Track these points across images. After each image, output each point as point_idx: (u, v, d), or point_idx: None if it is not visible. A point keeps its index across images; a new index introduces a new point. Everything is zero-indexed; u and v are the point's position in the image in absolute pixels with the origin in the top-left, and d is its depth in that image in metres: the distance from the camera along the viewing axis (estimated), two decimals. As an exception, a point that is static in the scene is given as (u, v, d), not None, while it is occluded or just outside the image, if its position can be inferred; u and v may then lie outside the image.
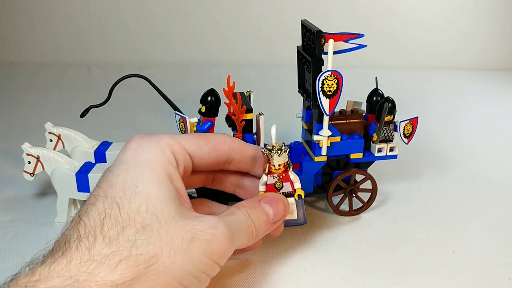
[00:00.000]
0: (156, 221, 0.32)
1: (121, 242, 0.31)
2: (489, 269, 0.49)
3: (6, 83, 1.05)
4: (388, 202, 0.61)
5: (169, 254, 0.31)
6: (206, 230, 0.33)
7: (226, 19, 1.22)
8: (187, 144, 0.38)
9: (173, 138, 0.38)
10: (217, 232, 0.33)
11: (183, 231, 0.32)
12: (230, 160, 0.41)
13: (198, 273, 0.33)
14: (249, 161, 0.43)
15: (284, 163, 0.42)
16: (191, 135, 0.40)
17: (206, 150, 0.39)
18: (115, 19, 1.21)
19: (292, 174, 0.43)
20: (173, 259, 0.31)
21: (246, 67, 1.15)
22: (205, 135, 0.42)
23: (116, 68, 1.14)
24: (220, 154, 0.40)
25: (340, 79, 0.48)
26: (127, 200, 0.32)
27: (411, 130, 0.56)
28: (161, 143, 0.36)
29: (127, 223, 0.31)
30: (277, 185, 0.43)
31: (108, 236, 0.31)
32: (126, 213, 0.32)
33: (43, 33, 1.20)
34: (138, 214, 0.32)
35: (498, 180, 0.67)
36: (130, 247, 0.30)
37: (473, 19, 1.21)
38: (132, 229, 0.31)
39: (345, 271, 0.48)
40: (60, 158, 0.54)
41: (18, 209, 0.58)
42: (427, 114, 0.90)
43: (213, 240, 0.33)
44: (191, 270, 0.32)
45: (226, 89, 0.53)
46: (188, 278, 0.32)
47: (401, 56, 1.21)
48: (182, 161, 0.37)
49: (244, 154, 0.42)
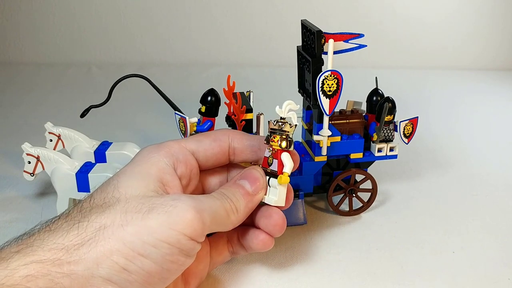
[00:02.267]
0: (117, 203, 0.34)
1: (77, 217, 0.34)
2: (489, 269, 0.49)
3: (6, 83, 1.05)
4: (388, 202, 0.61)
5: (121, 224, 0.33)
6: (167, 203, 0.34)
7: (226, 19, 1.22)
8: (188, 143, 0.41)
9: (176, 141, 0.41)
10: (179, 203, 0.34)
11: (141, 205, 0.34)
12: (232, 150, 0.42)
13: (158, 243, 0.33)
14: (251, 150, 0.42)
15: (281, 138, 0.39)
16: (192, 136, 0.43)
17: (208, 143, 0.41)
18: (115, 19, 1.21)
19: (285, 156, 0.39)
20: (124, 228, 0.33)
21: (246, 67, 1.15)
22: (205, 132, 0.44)
23: (116, 68, 1.14)
24: (222, 144, 0.41)
25: (340, 79, 0.48)
26: (101, 191, 0.36)
27: (411, 130, 0.56)
28: (162, 146, 0.39)
29: (91, 208, 0.34)
30: (269, 160, 0.40)
31: (71, 217, 0.34)
32: (95, 201, 0.35)
33: (43, 33, 1.20)
34: (104, 200, 0.35)
35: (498, 180, 0.67)
36: (83, 219, 0.33)
37: (473, 19, 1.21)
38: (94, 210, 0.34)
39: (345, 271, 0.48)
40: (60, 158, 0.54)
41: (18, 209, 0.58)
42: (427, 114, 0.90)
43: (174, 211, 0.34)
44: (146, 239, 0.32)
45: (226, 89, 0.53)
46: (143, 246, 0.32)
47: (401, 56, 1.21)
48: (183, 158, 0.39)
49: (245, 143, 0.42)
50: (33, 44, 1.20)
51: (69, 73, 1.13)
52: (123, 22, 1.21)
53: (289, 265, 0.49)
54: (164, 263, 0.33)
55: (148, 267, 0.33)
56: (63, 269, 0.31)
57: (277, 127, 0.39)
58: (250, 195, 0.39)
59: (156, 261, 0.33)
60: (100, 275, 0.31)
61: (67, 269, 0.31)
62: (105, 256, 0.32)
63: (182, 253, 0.34)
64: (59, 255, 0.31)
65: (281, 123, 0.39)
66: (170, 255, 0.33)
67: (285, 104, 0.39)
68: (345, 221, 0.57)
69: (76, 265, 0.31)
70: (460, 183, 0.66)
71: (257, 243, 0.42)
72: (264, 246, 0.42)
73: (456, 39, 1.22)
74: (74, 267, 0.31)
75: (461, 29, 1.22)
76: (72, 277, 0.31)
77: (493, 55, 1.23)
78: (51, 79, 1.09)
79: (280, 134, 0.39)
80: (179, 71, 1.14)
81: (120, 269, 0.32)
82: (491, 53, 1.23)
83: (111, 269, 0.32)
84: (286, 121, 0.39)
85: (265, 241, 0.42)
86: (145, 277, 0.33)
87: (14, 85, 1.04)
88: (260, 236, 0.41)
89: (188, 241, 0.34)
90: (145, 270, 0.33)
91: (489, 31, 1.22)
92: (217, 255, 0.44)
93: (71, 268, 0.31)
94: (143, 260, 0.33)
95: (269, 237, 0.42)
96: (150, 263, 0.33)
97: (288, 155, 0.39)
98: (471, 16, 1.21)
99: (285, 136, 0.39)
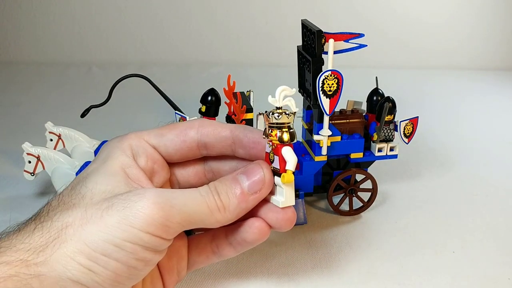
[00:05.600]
0: (82, 200, 0.33)
1: (44, 217, 0.33)
2: (489, 269, 0.49)
3: (6, 83, 1.05)
4: (388, 202, 0.61)
5: (81, 223, 0.32)
6: (128, 198, 0.32)
7: (226, 19, 1.22)
8: (149, 136, 0.38)
9: (136, 134, 0.38)
10: (140, 199, 0.32)
11: (102, 202, 0.33)
12: (202, 144, 0.39)
13: (118, 241, 0.31)
14: (225, 144, 0.38)
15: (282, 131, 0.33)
16: (159, 127, 0.40)
17: (170, 137, 0.38)
18: (116, 18, 1.21)
19: (287, 150, 0.34)
20: (84, 227, 0.31)
21: (246, 67, 1.15)
22: (173, 124, 0.40)
23: (117, 68, 1.14)
24: (186, 139, 0.38)
25: (341, 78, 0.48)
26: (70, 188, 0.35)
27: (411, 130, 0.56)
28: (122, 141, 0.38)
29: (58, 206, 0.34)
30: (271, 157, 0.35)
31: (39, 216, 0.33)
32: (63, 199, 0.34)
33: (43, 33, 1.20)
34: (71, 197, 0.34)
35: (498, 180, 0.67)
36: (48, 219, 0.33)
37: (473, 19, 1.21)
38: (59, 208, 0.33)
39: (345, 271, 0.48)
40: (60, 158, 0.55)
41: (18, 209, 0.58)
42: (427, 114, 0.90)
43: (134, 207, 0.32)
44: (106, 238, 0.31)
45: (226, 89, 0.53)
46: (104, 246, 0.31)
47: (401, 56, 1.21)
48: (143, 152, 0.38)
49: (218, 136, 0.38)
50: (33, 44, 1.20)
51: (70, 72, 1.13)
52: (123, 21, 1.21)
53: (289, 265, 0.49)
54: (129, 261, 0.32)
55: (113, 267, 0.31)
56: (31, 271, 0.30)
57: (272, 120, 0.33)
58: (245, 194, 0.35)
59: (120, 260, 0.31)
60: (68, 277, 0.31)
61: (34, 271, 0.30)
62: (69, 257, 0.31)
63: (148, 250, 0.32)
64: (25, 256, 0.30)
65: (277, 114, 0.33)
66: (134, 253, 0.32)
67: (278, 91, 0.33)
68: (345, 221, 0.57)
69: (43, 267, 0.30)
70: (460, 183, 0.66)
71: (252, 233, 0.36)
72: (260, 235, 0.37)
73: (456, 39, 1.22)
74: (41, 269, 0.30)
75: (461, 29, 1.22)
76: (41, 278, 0.30)
77: (493, 55, 1.23)
78: (51, 79, 1.09)
79: (279, 127, 0.33)
80: (179, 71, 1.14)
81: (85, 270, 0.31)
82: (491, 53, 1.23)
83: (77, 271, 0.31)
84: (283, 111, 0.33)
85: (261, 229, 0.36)
86: (112, 276, 0.32)
87: (14, 85, 1.04)
88: (255, 223, 0.36)
89: (151, 238, 0.32)
90: (110, 270, 0.31)
91: (489, 31, 1.22)
92: (197, 255, 0.40)
93: (39, 270, 0.30)
94: (106, 260, 0.31)
95: (265, 225, 0.36)
96: (114, 262, 0.31)
97: (290, 149, 0.34)
98: (470, 16, 1.21)
99: (286, 129, 0.33)
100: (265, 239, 0.37)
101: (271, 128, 0.34)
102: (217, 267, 0.48)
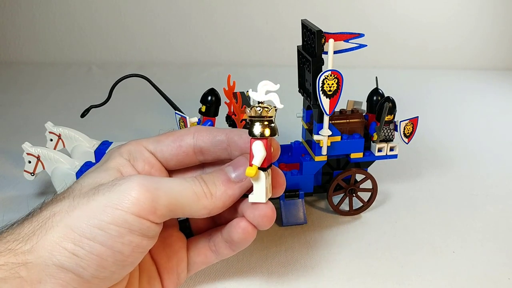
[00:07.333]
0: (71, 193, 0.34)
1: (35, 212, 0.33)
2: (489, 269, 0.49)
3: (6, 83, 1.05)
4: (388, 202, 0.61)
5: (68, 210, 0.32)
6: (114, 182, 0.33)
7: (226, 19, 1.22)
8: (147, 142, 0.39)
9: (136, 140, 0.39)
10: (125, 182, 0.32)
11: (89, 191, 0.33)
12: (198, 149, 0.39)
13: (104, 224, 0.31)
14: (220, 147, 0.39)
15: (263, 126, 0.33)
16: (159, 135, 0.41)
17: (167, 143, 0.39)
18: (116, 18, 1.21)
19: (256, 145, 0.33)
20: (71, 213, 0.32)
21: (246, 67, 1.15)
22: (171, 131, 0.41)
23: (117, 68, 1.14)
24: (182, 144, 0.39)
25: (341, 78, 0.48)
26: (67, 188, 0.35)
27: (411, 130, 0.56)
28: (121, 147, 0.39)
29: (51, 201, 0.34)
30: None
31: (31, 213, 0.34)
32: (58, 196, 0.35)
33: (43, 33, 1.20)
34: (61, 195, 0.34)
35: (498, 180, 0.67)
36: (38, 210, 0.33)
37: (473, 19, 1.21)
38: (51, 202, 0.34)
39: (345, 271, 0.48)
40: (60, 158, 0.54)
41: (18, 208, 0.58)
42: (427, 114, 0.90)
43: (119, 189, 0.32)
44: (92, 222, 0.31)
45: (226, 89, 0.53)
46: (89, 230, 0.31)
47: (401, 56, 1.21)
48: (140, 156, 0.38)
49: (214, 140, 0.38)
50: (33, 44, 1.21)
51: (70, 72, 1.13)
52: (123, 21, 1.21)
53: (289, 265, 0.49)
54: (114, 245, 0.32)
55: (97, 251, 0.32)
56: (18, 259, 0.31)
57: (253, 113, 0.33)
58: (231, 182, 0.36)
59: (105, 243, 0.32)
60: (53, 263, 0.31)
61: (21, 259, 0.31)
62: (55, 243, 0.31)
63: (134, 233, 0.32)
64: (13, 245, 0.31)
65: (259, 108, 0.33)
66: (120, 236, 0.32)
67: (260, 85, 0.33)
68: (345, 221, 0.57)
69: (30, 255, 0.31)
70: (460, 183, 0.66)
71: (237, 232, 0.37)
72: (244, 235, 0.36)
73: (456, 39, 1.22)
74: (28, 257, 0.31)
75: (461, 29, 1.22)
76: (28, 266, 0.31)
77: (493, 55, 1.23)
78: (51, 79, 1.09)
79: (260, 121, 0.33)
80: (179, 71, 1.14)
81: (70, 255, 0.31)
82: (491, 53, 1.23)
83: (61, 255, 0.31)
84: (265, 106, 0.33)
85: (246, 229, 0.36)
86: (96, 261, 0.32)
87: (14, 85, 1.04)
88: (240, 223, 0.37)
89: (137, 219, 0.32)
90: (94, 254, 0.32)
91: (489, 31, 1.22)
92: (196, 255, 0.41)
93: (26, 258, 0.31)
94: (90, 243, 0.31)
95: (251, 226, 0.36)
96: (99, 246, 0.32)
97: (260, 143, 0.33)
98: (471, 16, 1.21)
99: (267, 123, 0.33)
100: (251, 238, 0.37)
101: (253, 123, 0.33)
102: (217, 267, 0.48)
